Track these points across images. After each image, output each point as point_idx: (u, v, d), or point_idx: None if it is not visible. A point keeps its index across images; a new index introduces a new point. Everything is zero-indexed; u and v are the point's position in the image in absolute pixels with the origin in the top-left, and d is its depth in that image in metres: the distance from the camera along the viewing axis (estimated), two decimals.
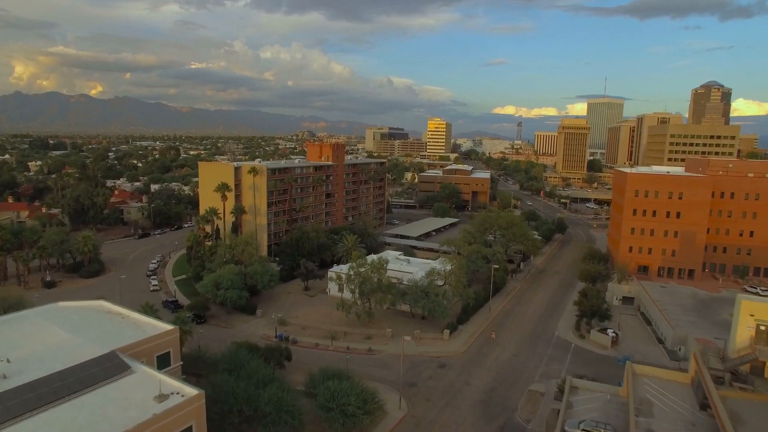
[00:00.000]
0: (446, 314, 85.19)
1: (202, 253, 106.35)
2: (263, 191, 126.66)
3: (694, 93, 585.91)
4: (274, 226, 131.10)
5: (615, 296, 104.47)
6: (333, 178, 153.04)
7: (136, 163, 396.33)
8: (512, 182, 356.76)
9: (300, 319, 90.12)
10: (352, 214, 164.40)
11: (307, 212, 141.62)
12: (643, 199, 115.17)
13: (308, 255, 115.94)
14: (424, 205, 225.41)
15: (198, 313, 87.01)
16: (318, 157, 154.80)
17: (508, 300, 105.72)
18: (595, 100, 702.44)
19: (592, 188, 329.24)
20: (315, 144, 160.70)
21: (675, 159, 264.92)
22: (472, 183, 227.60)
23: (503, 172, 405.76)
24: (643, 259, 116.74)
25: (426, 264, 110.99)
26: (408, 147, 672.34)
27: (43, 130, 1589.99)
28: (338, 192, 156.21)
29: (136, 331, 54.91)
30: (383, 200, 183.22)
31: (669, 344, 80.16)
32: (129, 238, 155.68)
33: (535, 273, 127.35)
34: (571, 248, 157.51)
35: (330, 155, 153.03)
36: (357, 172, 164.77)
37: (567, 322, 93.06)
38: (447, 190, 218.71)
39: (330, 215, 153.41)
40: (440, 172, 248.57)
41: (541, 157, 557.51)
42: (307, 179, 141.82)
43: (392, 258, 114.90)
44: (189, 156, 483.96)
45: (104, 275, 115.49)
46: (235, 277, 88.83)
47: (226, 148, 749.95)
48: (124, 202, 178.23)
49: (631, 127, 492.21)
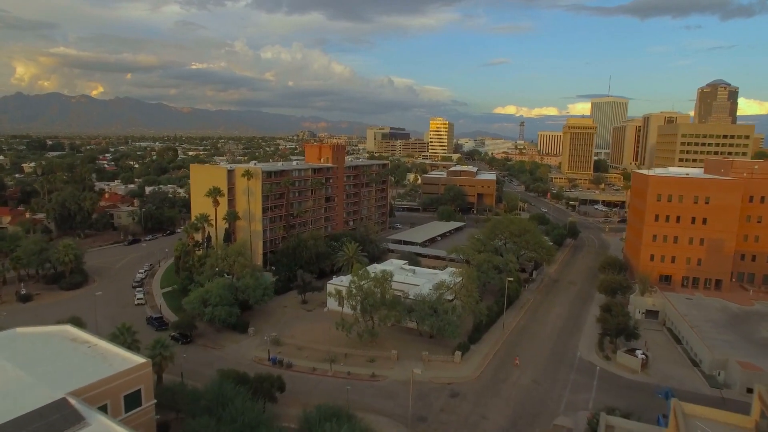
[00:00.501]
0: (457, 334, 77.17)
1: (190, 264, 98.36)
2: (258, 196, 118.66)
3: (700, 92, 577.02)
4: (270, 232, 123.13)
5: (638, 309, 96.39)
6: (333, 181, 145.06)
7: (133, 164, 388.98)
8: (517, 183, 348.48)
9: (296, 338, 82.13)
10: (353, 219, 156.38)
11: (306, 217, 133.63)
12: (666, 203, 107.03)
13: (306, 265, 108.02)
14: (427, 208, 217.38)
15: (183, 332, 79.11)
16: (317, 158, 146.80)
17: (522, 314, 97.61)
18: (600, 100, 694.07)
19: (600, 189, 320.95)
20: (314, 145, 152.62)
21: (686, 159, 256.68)
22: (477, 185, 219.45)
23: (507, 172, 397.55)
24: (665, 269, 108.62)
25: (433, 274, 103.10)
26: (410, 147, 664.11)
27: (44, 130, 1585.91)
28: (338, 195, 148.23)
29: (102, 365, 46.98)
30: (386, 203, 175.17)
31: (706, 368, 72.02)
32: (118, 244, 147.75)
33: (548, 283, 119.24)
34: (585, 255, 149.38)
35: (330, 157, 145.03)
36: (358, 175, 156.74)
37: (589, 340, 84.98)
38: (452, 192, 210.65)
39: (330, 220, 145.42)
40: (444, 174, 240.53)
41: (545, 157, 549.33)
42: (306, 182, 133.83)
43: (396, 268, 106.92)
44: (187, 157, 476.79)
45: (87, 287, 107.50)
46: (224, 293, 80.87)
47: (226, 148, 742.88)
48: (115, 206, 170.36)
49: (637, 126, 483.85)
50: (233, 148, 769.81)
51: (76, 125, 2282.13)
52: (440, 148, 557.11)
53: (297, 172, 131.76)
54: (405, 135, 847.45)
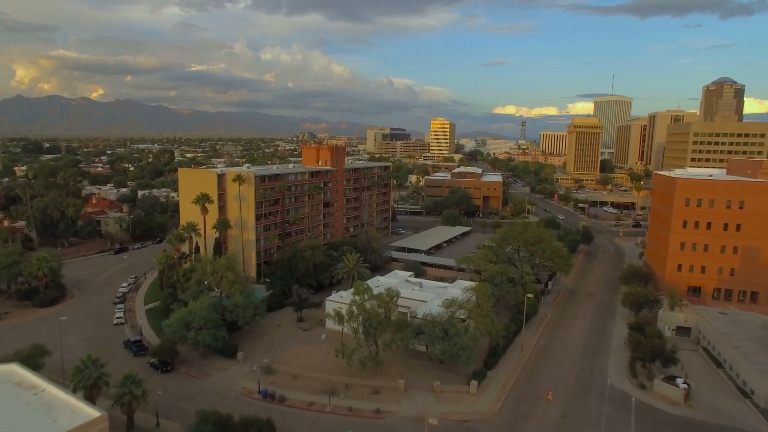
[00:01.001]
0: (472, 360, 68.21)
1: (174, 279, 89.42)
2: (251, 202, 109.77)
3: (706, 90, 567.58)
4: (264, 241, 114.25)
5: (667, 326, 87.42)
6: (332, 185, 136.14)
7: (128, 167, 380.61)
8: (522, 184, 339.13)
9: (291, 363, 73.17)
10: (354, 225, 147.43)
11: (303, 224, 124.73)
12: (695, 208, 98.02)
13: (303, 277, 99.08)
14: (431, 212, 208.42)
15: (163, 359, 70.19)
16: (315, 161, 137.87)
17: (540, 332, 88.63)
18: (603, 98, 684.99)
19: (607, 190, 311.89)
20: (311, 147, 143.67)
21: (698, 159, 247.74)
22: (483, 187, 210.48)
23: (511, 173, 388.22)
24: (694, 279, 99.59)
25: (442, 288, 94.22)
26: (410, 148, 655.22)
27: (44, 133, 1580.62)
28: (338, 200, 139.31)
29: (45, 420, 38.13)
30: (388, 208, 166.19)
31: (761, 401, 62.96)
32: (104, 253, 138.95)
33: (565, 294, 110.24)
34: (600, 262, 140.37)
35: (328, 159, 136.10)
36: (359, 178, 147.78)
37: (618, 363, 75.97)
38: (456, 195, 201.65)
39: (329, 227, 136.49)
40: (448, 176, 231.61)
41: (549, 157, 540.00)
42: (303, 187, 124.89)
43: (401, 280, 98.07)
44: (185, 159, 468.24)
45: (64, 302, 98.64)
46: (209, 314, 71.93)
47: (224, 150, 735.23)
48: (102, 212, 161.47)
49: (643, 125, 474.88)
50: (232, 149, 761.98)
51: (75, 127, 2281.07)
52: (442, 149, 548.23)
53: (293, 175, 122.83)
54: (405, 135, 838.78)
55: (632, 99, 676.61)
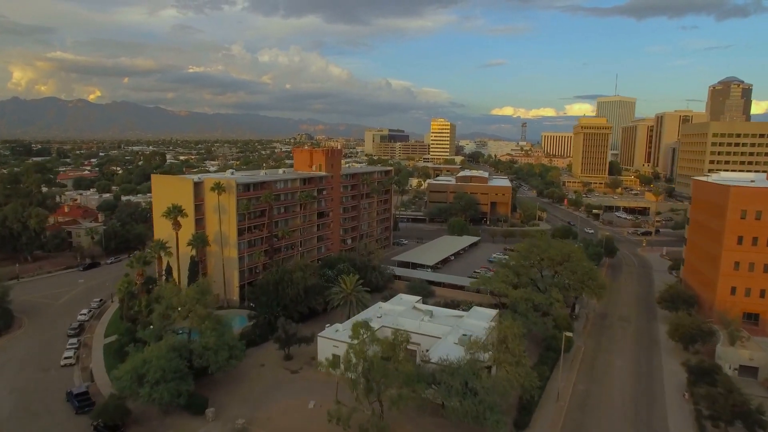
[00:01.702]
0: (503, 423, 53.44)
1: (136, 311, 74.41)
2: (232, 214, 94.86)
3: (712, 90, 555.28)
4: (249, 259, 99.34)
5: (729, 365, 72.86)
6: (327, 193, 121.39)
7: (117, 170, 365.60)
8: (528, 188, 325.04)
9: (273, 422, 58.37)
10: (352, 237, 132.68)
11: (294, 238, 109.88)
12: (753, 222, 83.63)
13: (291, 304, 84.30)
14: (435, 219, 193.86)
15: (110, 422, 55.23)
16: (308, 165, 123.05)
17: (575, 372, 73.92)
18: (606, 99, 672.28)
19: (617, 194, 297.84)
20: (303, 150, 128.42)
21: (717, 162, 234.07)
22: (490, 192, 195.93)
23: (515, 176, 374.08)
24: (752, 305, 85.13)
25: (456, 317, 79.46)
26: (410, 150, 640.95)
27: (40, 135, 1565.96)
28: (334, 209, 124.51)
29: None
30: (389, 216, 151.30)
31: None
32: (72, 270, 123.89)
33: (595, 320, 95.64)
34: (627, 278, 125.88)
35: (323, 164, 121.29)
36: (357, 184, 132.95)
37: (679, 418, 61.24)
38: (462, 201, 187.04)
39: (324, 240, 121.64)
40: (452, 179, 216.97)
41: (554, 159, 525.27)
42: (293, 196, 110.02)
43: (407, 307, 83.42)
44: (177, 162, 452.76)
45: (8, 335, 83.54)
46: (170, 363, 56.96)
47: (219, 152, 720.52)
48: (75, 222, 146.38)
49: (649, 126, 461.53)
50: (227, 151, 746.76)
51: (73, 129, 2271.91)
52: (442, 151, 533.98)
53: (282, 183, 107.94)
54: (404, 137, 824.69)
55: (635, 99, 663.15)
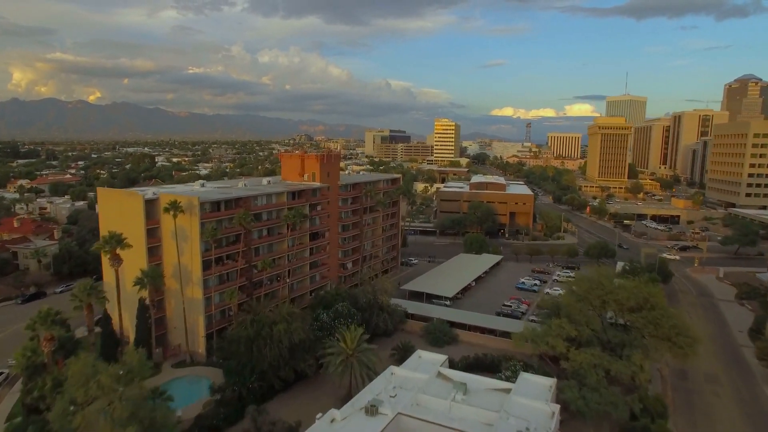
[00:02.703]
0: None
1: (36, 397, 51.33)
2: (195, 242, 71.77)
3: (728, 88, 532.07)
4: (219, 299, 76.28)
5: None
6: (322, 208, 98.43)
7: (102, 173, 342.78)
8: (542, 193, 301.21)
9: None
10: (353, 260, 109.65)
11: (279, 267, 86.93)
12: None
13: (271, 368, 61.44)
14: (446, 231, 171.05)
15: None
16: (298, 174, 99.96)
17: None
18: (615, 98, 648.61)
19: (640, 200, 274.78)
20: (293, 155, 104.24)
21: (759, 165, 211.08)
22: (510, 201, 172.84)
23: (526, 180, 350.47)
24: None
25: (501, 394, 56.36)
26: (412, 151, 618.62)
27: (39, 136, 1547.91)
28: (331, 228, 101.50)
29: None
30: (396, 233, 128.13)
31: None
32: (8, 302, 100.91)
33: (675, 380, 72.65)
34: (689, 311, 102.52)
35: (317, 172, 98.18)
36: (359, 196, 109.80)
37: None
38: (478, 211, 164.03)
39: (318, 266, 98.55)
40: (464, 185, 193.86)
41: (566, 161, 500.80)
42: (279, 213, 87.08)
43: (430, 375, 60.18)
44: (168, 164, 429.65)
45: None
46: None
47: (214, 153, 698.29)
48: (25, 240, 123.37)
49: (665, 126, 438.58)
50: (222, 153, 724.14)
51: (72, 131, 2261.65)
52: (446, 152, 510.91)
53: (263, 198, 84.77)
54: (406, 138, 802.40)
55: (646, 98, 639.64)
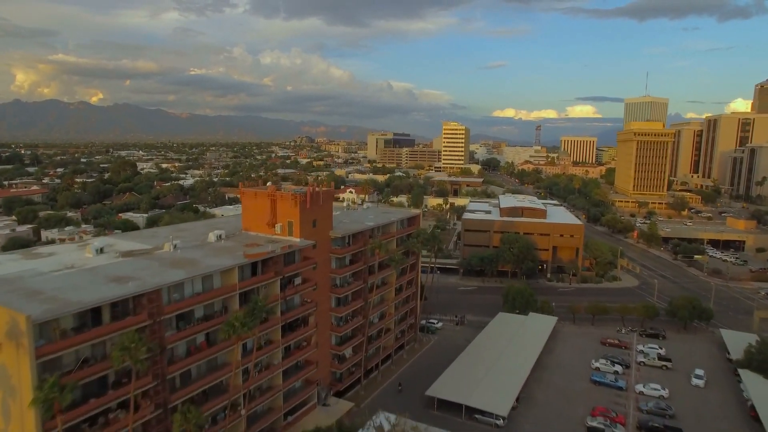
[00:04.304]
0: None
1: None
2: (24, 399, 35.61)
3: (759, 88, 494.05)
4: None
5: None
6: (306, 279, 62.12)
7: (76, 182, 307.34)
8: (568, 208, 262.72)
9: None
10: (353, 345, 73.12)
11: (230, 395, 50.59)
12: None
13: None
14: (470, 271, 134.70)
15: None
16: (267, 225, 63.48)
17: None
18: (634, 99, 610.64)
19: (686, 218, 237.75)
20: (259, 193, 66.90)
21: None
22: (553, 233, 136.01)
23: (548, 191, 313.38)
24: None
25: None
26: (417, 156, 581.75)
27: (40, 138, 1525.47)
28: (320, 304, 65.05)
29: None
30: (416, 291, 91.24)
31: None
32: None
33: None
34: None
35: (296, 220, 61.69)
36: (363, 250, 73.24)
37: None
38: (515, 247, 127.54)
39: (298, 370, 62.11)
40: (493, 211, 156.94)
41: (589, 168, 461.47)
42: (224, 309, 50.93)
43: None
44: (153, 172, 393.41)
45: None
46: None
47: (208, 158, 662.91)
48: None
49: (696, 131, 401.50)
50: (218, 156, 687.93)
51: (74, 132, 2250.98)
52: (455, 158, 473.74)
53: (191, 285, 48.11)
54: (410, 141, 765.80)
55: (668, 100, 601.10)
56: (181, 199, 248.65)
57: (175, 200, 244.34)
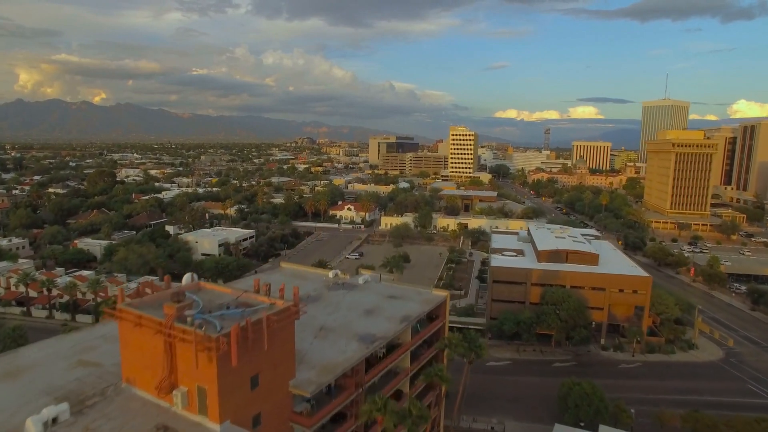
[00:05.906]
0: None
1: None
2: None
3: None
4: None
5: None
6: None
7: (44, 194, 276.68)
8: (597, 229, 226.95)
9: None
10: None
11: None
12: None
13: None
14: (502, 334, 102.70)
15: None
16: (158, 391, 32.18)
17: None
18: (652, 103, 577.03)
19: (735, 243, 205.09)
20: (145, 322, 35.34)
21: None
22: (610, 286, 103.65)
23: (569, 207, 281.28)
24: None
25: None
26: (422, 162, 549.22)
27: (42, 137, 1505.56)
28: None
29: None
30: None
31: None
32: None
33: None
34: None
35: (212, 383, 30.55)
36: (354, 400, 41.84)
37: None
38: (562, 308, 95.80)
39: None
40: (527, 250, 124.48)
41: (592, 177, 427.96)
42: None
43: None
44: (139, 179, 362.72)
45: None
46: None
47: (204, 161, 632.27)
48: None
49: (728, 138, 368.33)
50: (214, 159, 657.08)
51: (76, 132, 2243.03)
52: (464, 166, 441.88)
53: None
54: (414, 145, 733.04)
55: (689, 103, 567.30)
56: (157, 218, 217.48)
57: (149, 219, 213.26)
